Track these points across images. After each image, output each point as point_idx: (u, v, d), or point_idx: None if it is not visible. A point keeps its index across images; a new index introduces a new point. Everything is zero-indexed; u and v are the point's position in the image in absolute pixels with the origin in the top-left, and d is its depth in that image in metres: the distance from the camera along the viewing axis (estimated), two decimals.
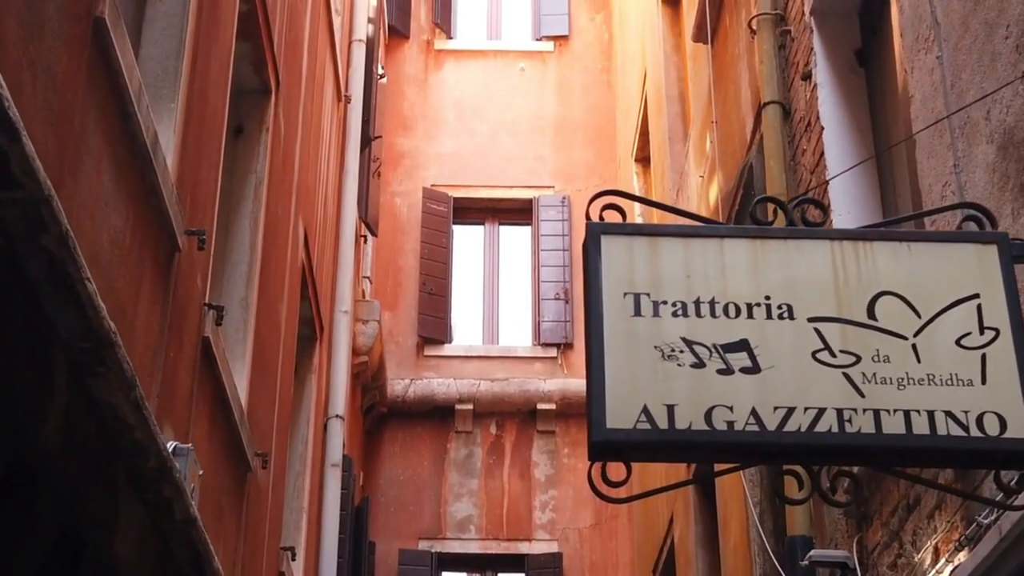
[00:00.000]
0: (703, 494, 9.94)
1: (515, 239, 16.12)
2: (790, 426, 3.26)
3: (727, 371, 3.30)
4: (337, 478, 10.42)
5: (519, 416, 14.85)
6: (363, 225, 13.05)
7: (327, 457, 10.38)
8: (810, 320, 3.40)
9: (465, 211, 15.98)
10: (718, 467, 4.34)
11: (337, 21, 11.22)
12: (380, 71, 13.10)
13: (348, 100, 11.54)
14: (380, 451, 14.61)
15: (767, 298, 3.40)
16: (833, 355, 3.37)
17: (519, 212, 16.02)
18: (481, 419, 14.83)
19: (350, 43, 11.99)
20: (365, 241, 13.68)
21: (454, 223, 15.89)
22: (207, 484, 6.03)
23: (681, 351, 3.30)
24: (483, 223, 16.14)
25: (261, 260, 7.40)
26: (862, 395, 3.32)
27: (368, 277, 14.06)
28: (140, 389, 4.10)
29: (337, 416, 10.57)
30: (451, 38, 16.87)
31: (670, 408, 3.22)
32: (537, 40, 16.91)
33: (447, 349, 15.17)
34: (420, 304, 15.20)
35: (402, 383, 14.73)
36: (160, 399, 5.08)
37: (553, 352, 15.12)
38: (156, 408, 4.95)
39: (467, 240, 16.09)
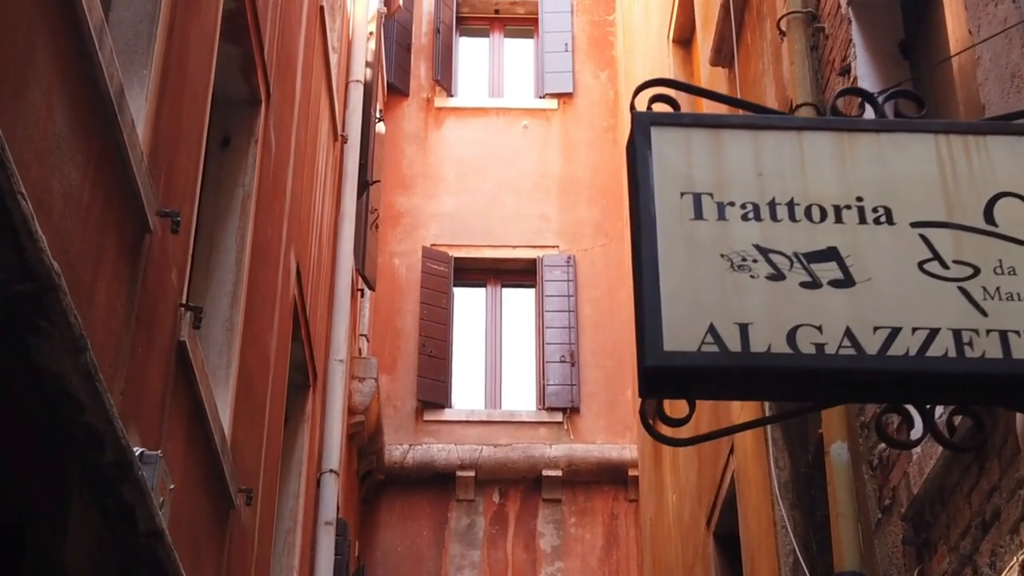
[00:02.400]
0: (723, 549, 9.20)
1: (518, 301, 15.50)
2: (895, 349, 2.61)
3: (813, 284, 2.66)
4: (331, 537, 9.68)
5: (523, 483, 14.10)
6: (360, 279, 12.42)
7: (320, 514, 9.65)
8: (914, 225, 2.77)
9: (466, 272, 15.35)
10: (798, 406, 3.58)
11: (334, 59, 10.69)
12: (378, 115, 12.56)
13: (345, 140, 10.97)
14: (377, 520, 13.84)
15: (859, 200, 2.77)
16: (945, 266, 2.73)
17: (522, 273, 15.40)
18: (483, 487, 14.07)
19: (347, 84, 11.45)
20: (362, 295, 13.04)
21: (455, 285, 15.26)
22: (182, 513, 5.35)
23: (755, 260, 2.66)
24: (485, 285, 15.51)
25: (248, 281, 6.77)
26: (984, 313, 2.68)
27: (365, 335, 13.40)
28: (92, 356, 3.44)
29: (331, 471, 9.87)
30: (451, 95, 16.36)
31: (743, 328, 2.58)
32: (540, 98, 16.41)
33: (447, 414, 14.46)
34: (419, 367, 14.52)
35: (400, 448, 14.00)
36: (125, 398, 4.42)
37: (559, 417, 14.41)
38: (120, 406, 4.29)
39: (468, 302, 15.47)
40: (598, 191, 15.70)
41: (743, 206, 2.73)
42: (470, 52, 17.09)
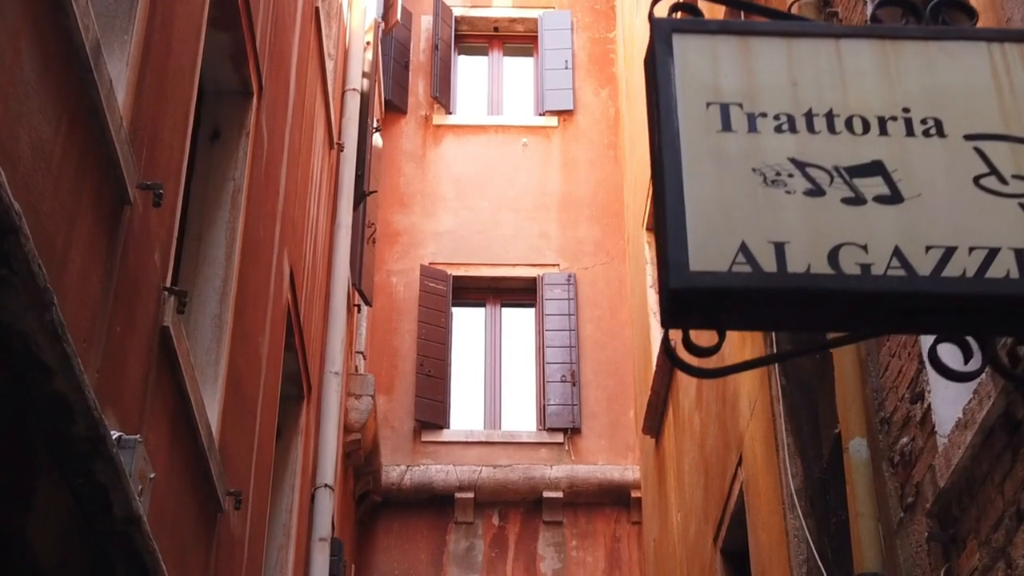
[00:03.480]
0: (731, 566, 8.89)
1: (518, 320, 15.21)
2: (951, 271, 2.33)
3: (856, 200, 2.38)
4: (325, 554, 9.36)
5: (524, 505, 13.77)
6: (357, 294, 12.14)
7: (314, 530, 9.33)
8: (968, 138, 2.49)
9: (465, 291, 15.06)
10: (832, 337, 3.18)
11: (330, 65, 10.44)
12: (376, 125, 12.31)
13: (341, 148, 10.72)
14: (374, 543, 13.50)
15: (906, 111, 2.50)
16: (1003, 181, 2.45)
17: (522, 292, 15.11)
18: (483, 509, 13.73)
19: (343, 92, 11.21)
20: (359, 311, 12.76)
21: (454, 305, 14.96)
22: (165, 509, 5.06)
23: (790, 175, 2.39)
24: (484, 304, 15.22)
25: (238, 278, 6.50)
26: None
27: (362, 353, 13.11)
28: (60, 314, 3.16)
29: (326, 486, 9.55)
30: (450, 113, 16.11)
31: (779, 247, 2.31)
32: (540, 115, 16.16)
33: (446, 434, 14.14)
34: (417, 387, 14.21)
35: (398, 470, 13.67)
36: (102, 377, 4.13)
37: (559, 438, 14.09)
38: (96, 384, 4.00)
39: (467, 321, 15.18)
40: (599, 209, 15.44)
41: (776, 117, 2.46)
42: (469, 70, 16.87)
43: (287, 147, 8.05)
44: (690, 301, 2.31)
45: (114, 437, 4.00)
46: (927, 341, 5.26)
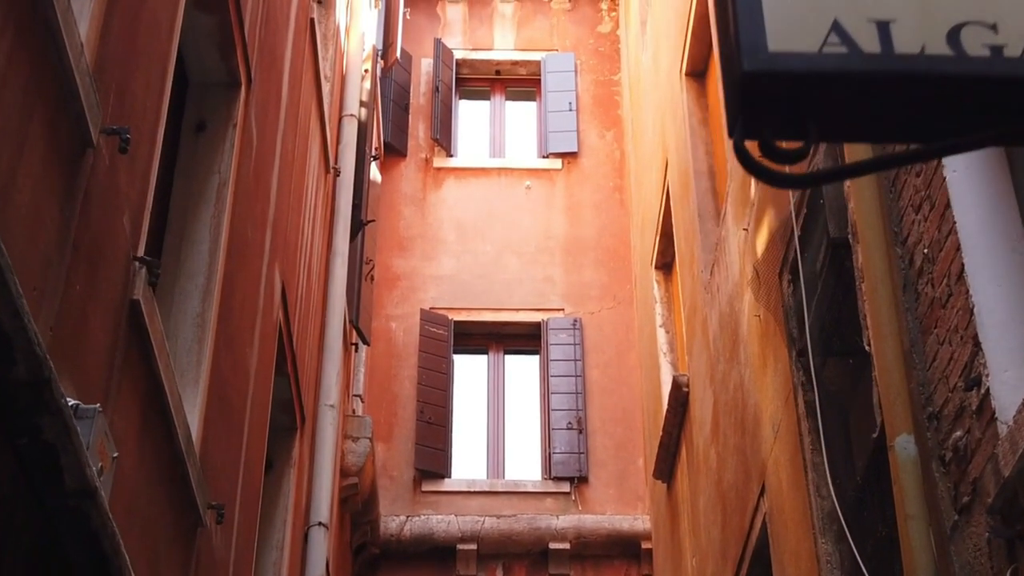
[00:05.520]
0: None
1: (521, 366, 14.66)
2: None
3: None
4: None
5: (529, 558, 13.13)
6: (354, 332, 11.62)
7: (308, 570, 8.74)
8: None
9: (467, 336, 14.52)
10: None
11: (326, 87, 10.00)
12: (373, 154, 11.85)
13: (337, 173, 10.25)
14: None
15: None
16: None
17: (526, 338, 14.56)
18: (486, 561, 13.10)
19: (340, 118, 10.77)
20: (356, 349, 12.22)
21: (455, 352, 14.42)
22: (135, 507, 4.52)
23: None
24: (487, 351, 14.67)
25: (223, 279, 5.99)
26: None
27: (360, 396, 12.56)
28: None
29: (320, 524, 8.98)
30: (451, 155, 15.67)
31: (882, 25, 1.80)
32: (544, 157, 15.73)
33: (447, 484, 13.53)
34: (417, 434, 13.63)
35: (397, 520, 13.07)
36: (56, 336, 3.61)
37: (566, 487, 13.49)
38: (48, 344, 3.48)
39: (469, 367, 14.63)
40: (605, 253, 14.96)
41: None
42: (470, 113, 16.47)
43: (279, 151, 7.57)
44: (766, 96, 1.80)
45: (71, 405, 3.48)
46: (982, 320, 4.76)
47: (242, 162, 6.45)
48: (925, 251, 5.13)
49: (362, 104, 11.37)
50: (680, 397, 10.91)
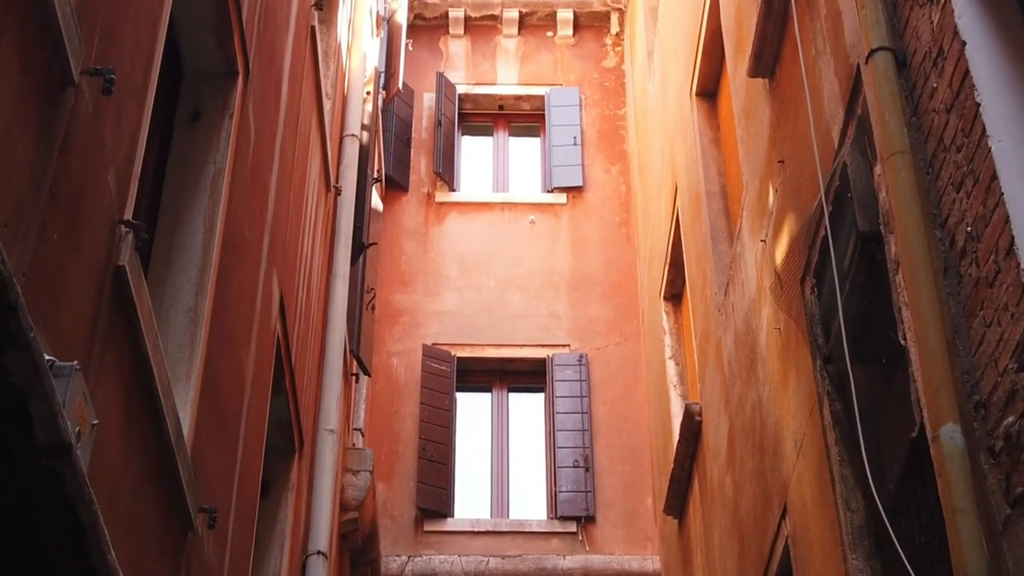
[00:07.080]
0: None
1: (526, 403, 14.28)
2: None
3: None
4: None
5: None
6: (355, 362, 11.25)
7: None
8: None
9: (470, 373, 14.14)
10: None
11: (328, 105, 9.71)
12: (375, 176, 11.54)
13: (338, 191, 9.93)
14: None
15: None
16: None
17: (531, 375, 14.19)
18: None
19: (342, 137, 10.47)
20: (356, 380, 11.85)
21: (458, 390, 14.04)
22: (118, 496, 4.15)
23: None
24: (490, 388, 14.29)
25: (218, 274, 5.65)
26: None
27: (360, 430, 12.18)
28: None
29: (319, 553, 8.57)
30: (453, 190, 15.36)
31: None
32: (548, 192, 15.42)
33: (450, 524, 13.11)
34: (419, 473, 13.22)
35: (398, 560, 12.64)
36: (29, 283, 3.26)
37: (572, 527, 13.06)
38: (22, 287, 3.13)
39: (472, 405, 14.24)
40: (611, 288, 14.62)
41: None
42: (473, 149, 16.18)
43: (278, 152, 7.26)
44: None
45: (47, 361, 3.12)
46: None
47: (239, 154, 6.13)
48: (968, 229, 4.79)
49: (364, 127, 11.08)
50: (692, 426, 10.55)
